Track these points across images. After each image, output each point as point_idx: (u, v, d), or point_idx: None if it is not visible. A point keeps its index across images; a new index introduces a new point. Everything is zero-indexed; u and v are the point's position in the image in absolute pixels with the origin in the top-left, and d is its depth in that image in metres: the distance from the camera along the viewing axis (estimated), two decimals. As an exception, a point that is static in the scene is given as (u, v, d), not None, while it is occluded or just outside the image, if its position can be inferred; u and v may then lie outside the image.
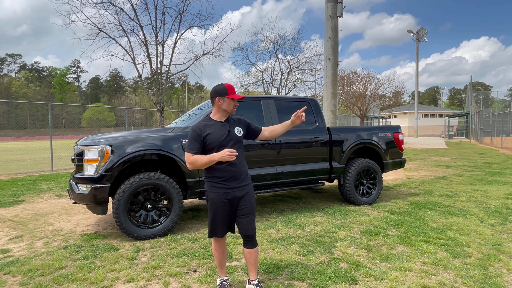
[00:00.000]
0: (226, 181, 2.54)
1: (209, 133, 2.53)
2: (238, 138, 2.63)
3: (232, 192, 2.55)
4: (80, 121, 50.18)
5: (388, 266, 3.24)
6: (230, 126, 2.62)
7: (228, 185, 2.55)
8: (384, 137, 6.08)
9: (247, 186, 2.63)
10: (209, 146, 2.52)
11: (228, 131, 2.58)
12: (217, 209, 2.57)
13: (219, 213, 2.57)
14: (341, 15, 10.19)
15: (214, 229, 2.62)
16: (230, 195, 2.55)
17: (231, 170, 2.54)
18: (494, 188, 7.13)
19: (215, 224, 2.60)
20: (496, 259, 3.39)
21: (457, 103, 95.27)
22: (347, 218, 4.86)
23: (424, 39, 38.06)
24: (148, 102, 62.31)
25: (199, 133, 2.52)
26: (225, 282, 2.79)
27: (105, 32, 11.18)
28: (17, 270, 3.21)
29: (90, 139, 4.27)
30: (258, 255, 2.77)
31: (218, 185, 2.55)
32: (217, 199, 2.56)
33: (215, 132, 2.54)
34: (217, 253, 2.74)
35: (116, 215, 3.92)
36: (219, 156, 2.40)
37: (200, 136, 2.52)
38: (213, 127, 2.56)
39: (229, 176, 2.55)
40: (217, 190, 2.55)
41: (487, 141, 23.81)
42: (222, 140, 2.53)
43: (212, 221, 2.61)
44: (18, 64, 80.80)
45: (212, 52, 12.83)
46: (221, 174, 2.54)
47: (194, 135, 2.52)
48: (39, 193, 7.18)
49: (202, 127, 2.55)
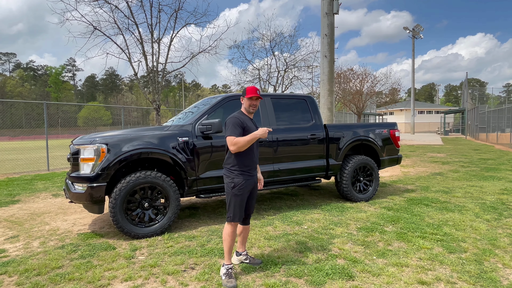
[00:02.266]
0: (252, 169, 2.98)
1: (247, 125, 2.93)
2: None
3: (253, 179, 3.01)
4: (76, 120, 49.91)
5: (384, 262, 3.26)
6: (254, 123, 3.07)
7: (252, 173, 2.99)
8: (380, 134, 6.10)
9: (257, 174, 3.12)
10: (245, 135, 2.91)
11: (256, 127, 3.03)
12: (244, 195, 2.93)
13: (245, 198, 2.95)
14: (337, 12, 10.18)
15: (240, 213, 2.94)
16: (253, 182, 3.01)
17: (254, 160, 2.99)
18: (489, 184, 7.18)
19: (241, 208, 2.93)
20: (492, 254, 3.42)
21: (453, 99, 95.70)
22: (344, 215, 4.88)
23: (420, 36, 38.17)
24: (145, 101, 62.05)
25: (242, 122, 2.91)
26: (231, 270, 2.93)
27: (100, 30, 11.12)
28: (13, 270, 3.19)
29: (86, 138, 4.25)
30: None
31: (246, 173, 2.93)
32: (247, 185, 2.92)
33: (250, 125, 2.97)
34: (231, 239, 2.95)
35: (113, 214, 3.91)
36: (260, 133, 2.80)
37: (243, 124, 2.89)
38: (248, 121, 2.98)
39: (253, 166, 2.99)
40: (247, 177, 2.93)
41: (483, 137, 23.97)
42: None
43: (239, 206, 2.92)
44: (13, 63, 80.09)
45: (208, 50, 12.82)
46: (249, 163, 2.94)
47: (238, 122, 2.88)
48: (35, 192, 7.14)
49: (243, 118, 2.95)
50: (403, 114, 50.64)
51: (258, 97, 3.00)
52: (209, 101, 5.05)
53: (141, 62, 11.84)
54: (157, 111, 11.88)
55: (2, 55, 78.30)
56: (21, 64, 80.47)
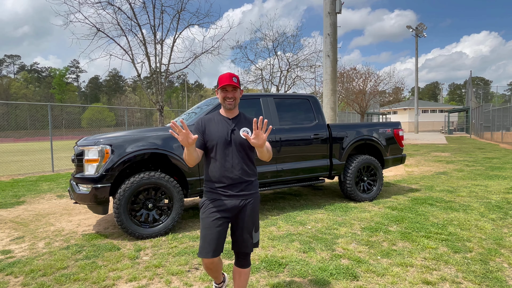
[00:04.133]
0: (222, 187, 2.16)
1: (210, 129, 2.19)
2: (243, 140, 2.17)
3: (229, 200, 2.16)
4: (80, 121, 50.15)
5: (389, 262, 3.24)
6: (237, 125, 2.21)
7: (222, 191, 2.16)
8: (384, 133, 6.08)
9: (250, 196, 2.22)
10: (209, 143, 2.18)
11: (232, 130, 2.18)
12: (209, 220, 2.14)
13: (214, 226, 2.13)
14: (340, 11, 10.16)
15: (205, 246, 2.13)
16: (230, 205, 2.16)
17: (224, 172, 2.15)
18: (494, 183, 7.13)
19: (206, 239, 2.13)
20: (497, 253, 3.39)
21: (457, 98, 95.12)
22: (348, 215, 4.87)
23: (424, 34, 37.95)
24: (148, 102, 62.28)
25: (200, 127, 2.20)
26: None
27: (103, 32, 11.17)
28: (19, 270, 3.22)
29: (90, 139, 4.27)
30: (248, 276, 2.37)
31: (213, 191, 2.19)
32: (211, 208, 2.16)
33: (216, 129, 2.18)
34: (208, 271, 2.30)
35: (117, 215, 3.93)
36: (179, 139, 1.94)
37: (201, 129, 2.19)
38: (218, 123, 2.21)
39: (223, 180, 2.16)
40: (214, 196, 2.18)
41: (487, 136, 23.79)
42: (222, 139, 2.16)
43: (203, 235, 2.16)
44: (17, 65, 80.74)
45: (211, 51, 12.83)
46: (217, 177, 2.17)
47: (196, 127, 2.21)
48: (40, 193, 7.19)
49: (206, 120, 2.23)
50: (406, 113, 50.40)
51: (235, 87, 2.17)
52: (212, 102, 5.06)
53: (144, 63, 11.89)
54: (160, 112, 11.92)
55: (6, 57, 78.96)
56: (26, 66, 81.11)
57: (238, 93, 2.22)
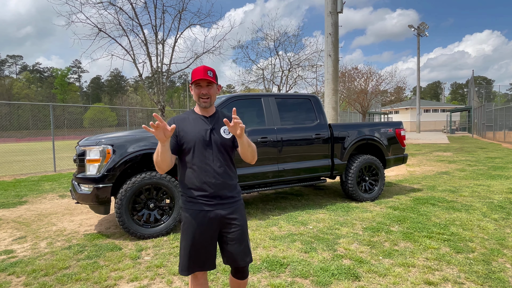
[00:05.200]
0: (202, 195, 1.89)
1: (185, 129, 1.91)
2: (224, 140, 1.94)
3: (212, 212, 1.89)
4: (81, 121, 50.29)
5: (391, 262, 3.23)
6: (215, 123, 1.96)
7: (203, 200, 1.89)
8: (386, 133, 6.06)
9: (237, 202, 1.98)
10: (184, 146, 1.90)
11: (211, 129, 1.93)
12: (190, 235, 1.88)
13: (197, 241, 1.88)
14: (341, 11, 10.14)
15: (187, 262, 1.89)
16: (212, 216, 1.89)
17: (204, 178, 1.88)
18: (497, 183, 7.10)
19: (188, 254, 1.88)
20: (500, 254, 3.38)
21: (459, 97, 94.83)
22: (350, 215, 4.86)
23: (425, 33, 37.83)
24: (149, 102, 62.34)
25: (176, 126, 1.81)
26: None
27: (105, 32, 11.17)
28: (21, 270, 3.23)
29: (92, 139, 4.28)
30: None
31: (192, 200, 1.91)
32: (192, 221, 1.88)
33: (192, 129, 1.91)
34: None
35: (118, 215, 3.93)
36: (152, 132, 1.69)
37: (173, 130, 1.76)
38: (193, 122, 1.94)
39: (203, 187, 1.89)
40: (194, 207, 1.90)
41: (490, 136, 23.71)
42: (200, 139, 1.90)
43: (183, 250, 1.91)
44: (19, 66, 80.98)
45: (213, 50, 12.82)
46: (195, 183, 1.89)
47: None
48: (42, 193, 7.21)
49: (179, 120, 1.95)
50: (408, 113, 50.27)
51: (210, 82, 1.89)
52: (213, 102, 5.05)
53: (146, 63, 11.88)
54: (162, 112, 11.93)
55: (9, 57, 79.21)
56: (28, 66, 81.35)
57: (214, 89, 1.93)
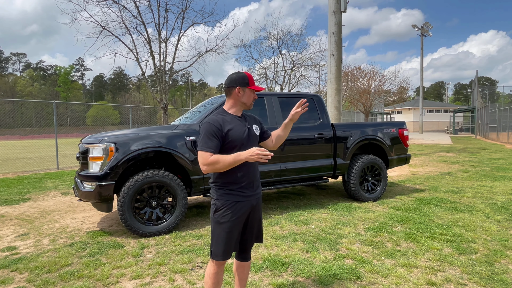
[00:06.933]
0: (246, 187, 2.14)
1: (230, 129, 2.07)
2: (257, 137, 2.28)
3: (249, 200, 2.16)
4: (84, 119, 50.45)
5: (393, 262, 3.23)
6: (248, 122, 2.24)
7: (246, 192, 2.14)
8: (388, 133, 6.04)
9: (260, 194, 2.28)
10: (229, 145, 2.08)
11: (248, 128, 2.19)
12: (232, 223, 2.10)
13: (235, 228, 2.13)
14: (345, 10, 10.10)
15: (225, 249, 2.12)
16: (249, 204, 2.16)
17: (249, 172, 2.16)
18: (500, 184, 7.07)
19: (227, 242, 2.11)
20: (503, 255, 3.36)
21: (463, 98, 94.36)
22: (352, 215, 4.85)
23: (429, 33, 37.66)
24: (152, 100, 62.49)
25: (219, 128, 2.04)
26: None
27: (108, 30, 11.20)
28: (24, 267, 3.24)
29: (95, 137, 4.29)
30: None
31: (236, 192, 2.12)
32: (236, 210, 2.11)
33: (236, 128, 2.10)
34: (213, 282, 2.17)
35: (121, 213, 3.95)
36: (246, 155, 1.92)
37: (220, 132, 2.03)
38: (233, 122, 2.12)
39: (248, 180, 2.15)
40: (237, 198, 2.11)
41: (493, 136, 23.59)
42: (243, 138, 2.12)
43: (223, 239, 2.11)
44: (23, 63, 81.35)
45: (216, 49, 12.82)
46: (240, 177, 2.12)
47: (212, 130, 2.03)
48: (45, 191, 7.24)
49: (221, 121, 2.08)
50: (411, 113, 50.08)
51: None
52: (216, 100, 5.06)
53: (149, 62, 11.90)
54: (165, 110, 11.94)
55: (12, 55, 79.56)
56: (31, 64, 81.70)
57: None
